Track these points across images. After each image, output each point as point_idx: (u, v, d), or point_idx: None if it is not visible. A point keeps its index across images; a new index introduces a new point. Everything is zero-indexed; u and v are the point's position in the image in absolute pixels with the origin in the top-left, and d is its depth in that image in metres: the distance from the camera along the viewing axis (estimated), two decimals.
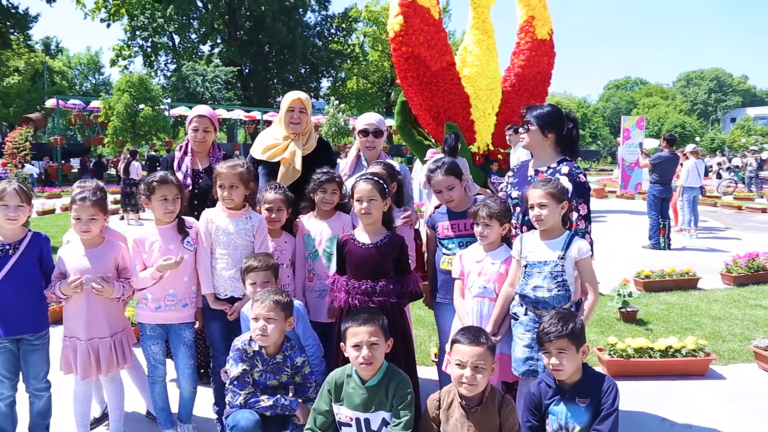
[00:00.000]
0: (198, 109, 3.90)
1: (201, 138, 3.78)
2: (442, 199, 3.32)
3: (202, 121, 3.77)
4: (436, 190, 3.32)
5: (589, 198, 3.11)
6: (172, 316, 3.24)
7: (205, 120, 3.78)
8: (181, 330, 3.27)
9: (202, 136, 3.78)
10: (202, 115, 3.79)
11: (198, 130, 3.77)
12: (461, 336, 2.64)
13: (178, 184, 3.23)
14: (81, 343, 3.10)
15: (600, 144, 58.20)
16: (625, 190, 19.27)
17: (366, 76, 50.44)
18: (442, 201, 3.34)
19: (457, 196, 3.31)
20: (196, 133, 3.77)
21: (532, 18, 13.03)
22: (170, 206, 3.17)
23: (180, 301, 3.23)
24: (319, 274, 3.43)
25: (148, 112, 25.25)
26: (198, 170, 3.80)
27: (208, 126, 3.80)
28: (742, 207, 16.49)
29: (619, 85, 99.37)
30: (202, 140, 3.80)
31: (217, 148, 3.95)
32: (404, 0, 10.89)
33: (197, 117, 3.78)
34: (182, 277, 3.23)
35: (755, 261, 7.38)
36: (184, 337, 3.28)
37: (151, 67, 42.47)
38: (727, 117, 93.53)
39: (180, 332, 3.27)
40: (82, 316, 3.09)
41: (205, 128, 3.78)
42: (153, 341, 3.26)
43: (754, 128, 66.39)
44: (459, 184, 3.31)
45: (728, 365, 4.64)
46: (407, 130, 12.29)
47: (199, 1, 42.54)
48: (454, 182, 3.28)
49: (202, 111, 3.84)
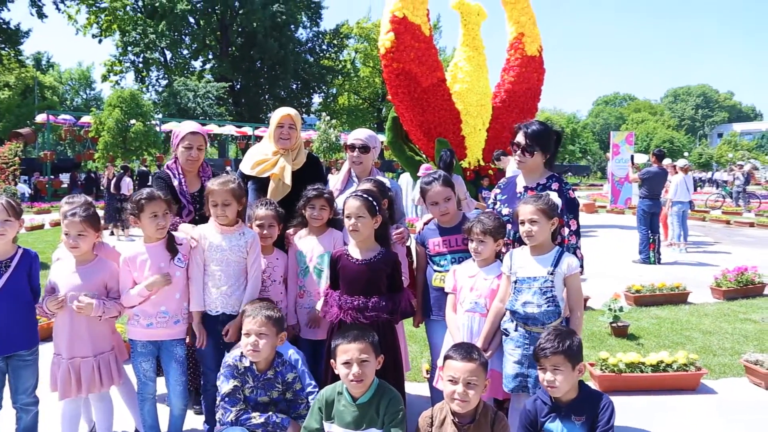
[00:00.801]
0: (188, 125, 3.78)
1: (195, 156, 3.67)
2: (438, 212, 3.32)
3: (196, 138, 3.67)
4: (433, 202, 3.31)
5: (578, 213, 3.14)
6: (164, 333, 3.20)
7: (199, 137, 3.69)
8: (172, 346, 3.24)
9: (197, 154, 3.68)
10: (195, 132, 3.69)
11: (192, 147, 3.66)
12: (454, 352, 2.63)
13: (166, 199, 3.19)
14: (63, 361, 3.07)
15: (590, 159, 58.62)
16: (615, 204, 19.37)
17: (357, 92, 50.76)
18: (437, 214, 3.34)
19: (452, 208, 3.32)
20: (190, 151, 3.65)
21: (522, 35, 13.19)
22: (161, 222, 3.15)
23: (172, 317, 3.20)
24: (309, 290, 3.42)
25: (139, 128, 25.24)
26: (194, 194, 3.72)
27: (201, 144, 3.71)
28: (731, 221, 16.64)
29: (608, 101, 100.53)
30: (196, 158, 3.70)
31: (205, 165, 3.86)
32: (395, 17, 11.00)
33: (190, 134, 3.66)
34: (174, 294, 3.21)
35: (744, 275, 7.43)
36: (175, 354, 3.24)
37: (143, 83, 42.59)
38: (714, 132, 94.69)
39: (171, 349, 3.23)
40: (65, 334, 3.06)
41: (199, 146, 3.69)
42: (144, 358, 3.22)
43: (740, 143, 67.23)
44: (454, 196, 3.32)
45: (719, 379, 4.65)
46: (398, 146, 12.36)
47: (192, 18, 42.81)
48: (450, 194, 3.30)
49: (194, 128, 3.73)
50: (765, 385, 4.42)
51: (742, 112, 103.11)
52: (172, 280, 3.13)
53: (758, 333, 5.84)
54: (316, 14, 46.57)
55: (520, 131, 3.17)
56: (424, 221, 3.57)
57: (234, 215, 3.23)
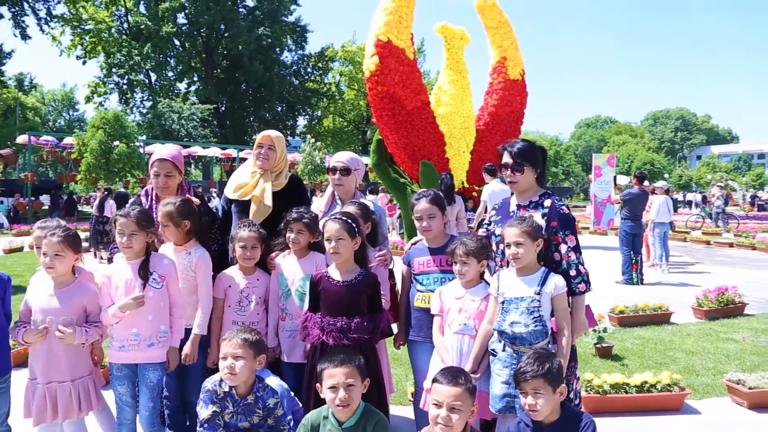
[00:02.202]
0: (159, 151, 3.66)
1: (162, 184, 3.56)
2: (421, 228, 3.34)
3: (162, 166, 3.54)
4: (417, 217, 3.34)
5: (575, 229, 3.11)
6: (137, 356, 3.11)
7: (166, 164, 3.55)
8: (145, 370, 3.13)
9: (164, 182, 3.56)
10: (163, 159, 3.56)
11: (159, 175, 3.54)
12: (441, 376, 2.62)
13: (135, 220, 3.10)
14: (39, 386, 2.99)
15: (573, 181, 59.37)
16: (598, 226, 19.58)
17: (342, 115, 51.06)
18: (420, 229, 3.36)
19: (435, 227, 3.32)
20: (158, 179, 3.55)
21: (505, 59, 13.41)
22: (125, 241, 3.08)
23: (144, 340, 3.10)
24: (291, 313, 3.38)
25: (123, 149, 25.07)
26: None
27: (170, 171, 3.56)
28: (711, 242, 16.88)
29: (590, 124, 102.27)
30: (164, 186, 3.58)
31: (186, 189, 3.72)
32: (380, 41, 11.13)
33: (158, 161, 3.55)
34: (146, 316, 3.11)
35: (725, 295, 7.52)
36: (146, 378, 3.13)
37: (127, 104, 42.44)
38: (693, 154, 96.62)
39: (144, 372, 3.13)
40: (42, 358, 2.98)
41: (167, 173, 3.56)
42: (119, 382, 3.14)
43: (718, 165, 68.61)
44: (440, 216, 3.33)
45: (702, 399, 4.66)
46: (383, 168, 12.41)
47: (177, 40, 42.96)
48: (435, 212, 3.31)
49: (163, 154, 3.60)
50: (747, 405, 4.44)
51: (719, 135, 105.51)
52: (144, 301, 3.07)
53: (739, 352, 5.89)
54: (301, 38, 46.97)
55: (505, 152, 3.16)
56: (412, 242, 3.58)
57: (172, 236, 3.29)
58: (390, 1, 11.38)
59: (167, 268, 3.21)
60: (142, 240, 3.14)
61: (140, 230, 3.11)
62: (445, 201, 3.45)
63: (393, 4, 11.34)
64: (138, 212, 3.15)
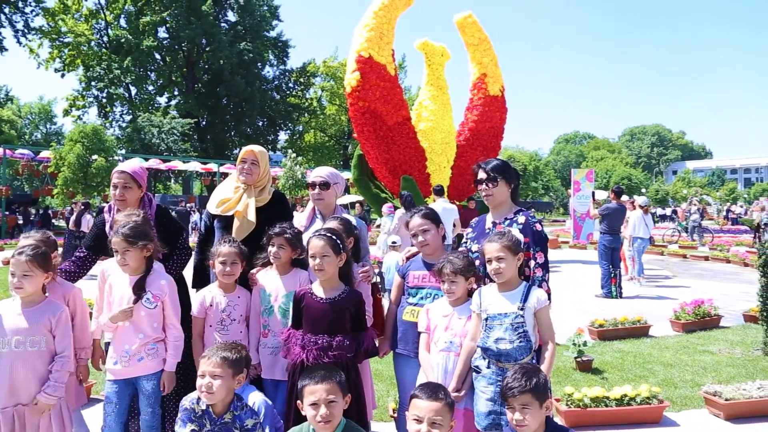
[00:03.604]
0: (122, 164, 3.72)
1: (120, 195, 3.57)
2: (418, 243, 3.36)
3: (120, 177, 3.58)
4: (413, 233, 3.36)
5: (547, 247, 3.17)
6: (130, 371, 3.14)
7: (124, 176, 3.58)
8: (139, 381, 3.17)
9: (121, 193, 3.57)
10: (122, 170, 3.61)
11: (117, 187, 3.57)
12: (420, 391, 2.61)
13: (122, 237, 3.09)
14: (8, 410, 2.87)
15: (552, 195, 60.01)
16: (577, 240, 19.78)
17: (323, 130, 51.14)
18: (417, 245, 3.38)
19: (432, 241, 3.33)
20: (115, 191, 3.58)
21: (485, 75, 13.57)
22: (120, 259, 3.12)
23: (134, 355, 3.12)
24: (273, 330, 3.36)
25: (102, 163, 24.76)
26: None
27: (128, 182, 3.58)
28: (687, 255, 17.16)
29: (569, 139, 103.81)
30: (121, 198, 3.58)
31: (147, 205, 3.69)
32: (361, 57, 11.21)
33: (117, 173, 3.60)
34: (136, 335, 3.13)
35: (701, 308, 7.64)
36: (142, 388, 3.16)
37: (106, 118, 42.04)
38: (669, 169, 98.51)
39: (139, 383, 3.17)
40: (5, 380, 2.87)
41: (125, 184, 3.57)
42: (109, 398, 3.15)
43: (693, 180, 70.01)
44: (435, 230, 3.35)
45: (681, 411, 4.72)
46: (364, 183, 12.44)
47: (158, 54, 42.79)
48: (428, 226, 3.32)
49: (123, 166, 3.67)
50: (724, 416, 4.50)
51: (693, 151, 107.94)
52: (132, 314, 3.08)
53: (716, 364, 5.98)
54: (282, 53, 47.14)
55: (479, 169, 3.27)
56: (407, 255, 3.58)
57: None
58: (371, 18, 11.49)
59: (163, 288, 3.19)
60: (137, 256, 3.14)
61: (131, 246, 3.10)
62: (439, 216, 3.46)
63: (374, 21, 11.45)
64: (128, 229, 3.13)
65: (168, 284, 3.24)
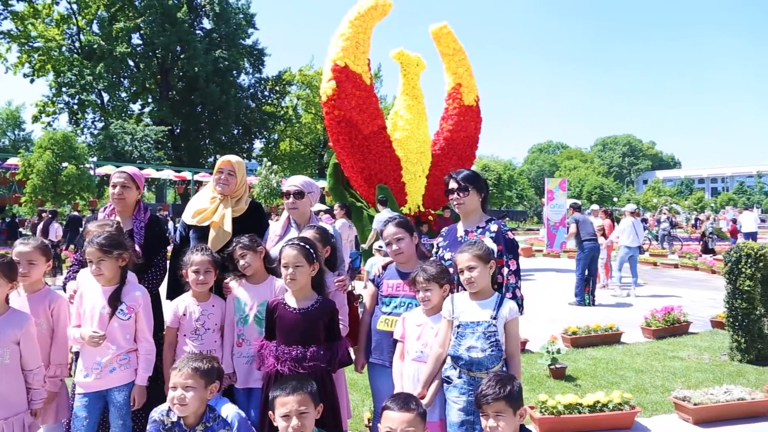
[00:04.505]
0: (123, 167, 3.86)
1: (119, 194, 3.67)
2: (392, 252, 3.37)
3: (121, 176, 3.70)
4: (387, 242, 3.37)
5: (518, 254, 3.23)
6: (101, 383, 3.09)
7: (125, 176, 3.70)
8: (110, 393, 3.12)
9: (120, 191, 3.67)
10: (123, 170, 3.75)
11: (116, 186, 3.68)
12: (391, 402, 2.61)
13: (98, 247, 3.07)
14: None
15: (526, 204, 60.66)
16: (551, 248, 20.01)
17: (299, 138, 50.97)
18: (392, 254, 3.39)
19: (406, 249, 3.34)
20: (114, 189, 3.68)
21: (460, 85, 13.70)
22: (94, 269, 3.09)
23: (105, 367, 3.08)
24: (249, 339, 3.32)
25: (72, 171, 24.27)
26: None
27: (127, 182, 3.69)
28: (657, 263, 17.50)
29: (542, 149, 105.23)
30: (120, 196, 3.68)
31: (142, 210, 3.81)
32: (337, 66, 11.23)
33: (118, 173, 3.74)
34: (109, 347, 3.09)
35: (671, 314, 7.80)
36: (113, 399, 3.12)
37: (77, 125, 41.23)
38: (640, 179, 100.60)
39: (110, 395, 3.12)
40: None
41: (124, 184, 3.68)
42: (79, 411, 3.09)
43: (663, 189, 71.58)
44: (409, 238, 3.35)
45: (652, 417, 4.80)
46: (339, 192, 12.44)
47: (131, 61, 42.21)
48: (402, 234, 3.33)
49: (124, 168, 3.83)
50: (693, 420, 4.59)
51: (663, 161, 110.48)
52: (100, 343, 3.02)
53: (685, 370, 6.10)
54: (258, 61, 46.94)
55: (450, 179, 3.33)
56: (382, 264, 3.58)
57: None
58: (347, 27, 11.54)
59: (137, 300, 3.16)
60: (112, 266, 3.11)
61: (106, 255, 3.08)
62: (412, 225, 3.48)
63: (350, 30, 11.50)
64: (103, 239, 3.10)
65: (143, 295, 3.22)
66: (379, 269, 3.54)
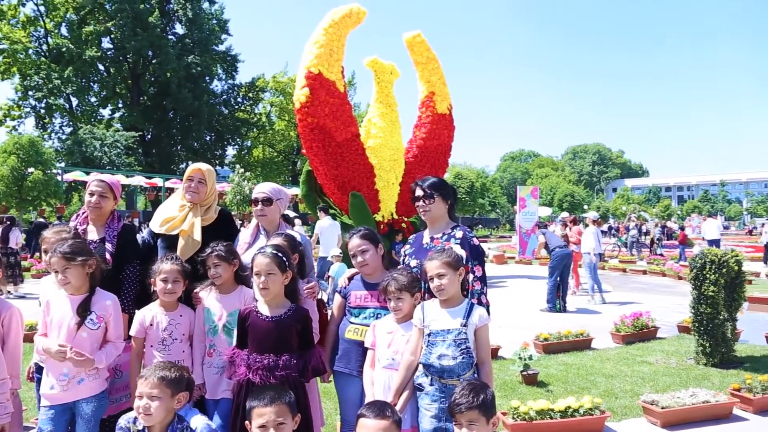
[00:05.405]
0: (99, 174, 3.81)
1: (96, 203, 3.59)
2: (357, 264, 3.36)
3: (99, 185, 3.62)
4: (352, 254, 3.36)
5: (484, 260, 3.25)
6: (68, 395, 3.02)
7: (103, 185, 3.62)
8: (78, 405, 3.04)
9: (97, 200, 3.60)
10: (102, 179, 3.67)
11: (94, 194, 3.60)
12: (366, 410, 2.60)
13: (61, 256, 3.01)
14: None
15: (499, 212, 61.27)
16: (523, 255, 20.24)
17: (272, 145, 50.64)
18: (357, 265, 3.37)
19: (371, 261, 3.33)
20: (92, 198, 3.60)
21: (433, 94, 13.78)
22: (60, 278, 3.01)
23: (73, 378, 3.01)
24: (219, 349, 3.27)
25: (39, 176, 23.68)
26: (92, 241, 3.57)
27: (105, 192, 3.62)
28: (626, 269, 17.83)
29: (515, 157, 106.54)
30: (97, 205, 3.60)
31: (116, 219, 3.74)
32: (311, 73, 11.20)
33: (96, 181, 3.65)
34: None
35: (639, 320, 7.95)
36: (81, 411, 3.04)
37: (44, 129, 40.24)
38: (609, 187, 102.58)
39: (78, 406, 3.04)
40: None
41: (102, 193, 3.60)
42: (42, 426, 2.99)
43: (632, 197, 73.10)
44: (374, 250, 3.34)
45: (621, 421, 4.87)
46: (312, 199, 12.38)
47: (101, 65, 41.48)
48: (366, 246, 3.32)
49: (102, 176, 3.75)
50: (660, 423, 4.68)
51: (631, 169, 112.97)
52: (64, 359, 2.94)
53: (653, 374, 6.21)
54: (231, 67, 46.57)
55: (417, 187, 3.34)
56: (348, 275, 3.56)
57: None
58: (321, 35, 11.52)
59: (107, 309, 3.10)
60: (78, 273, 3.04)
61: (70, 263, 3.01)
62: (378, 236, 3.47)
63: (324, 38, 11.48)
64: (66, 246, 3.04)
65: (113, 304, 3.15)
66: (345, 280, 3.53)
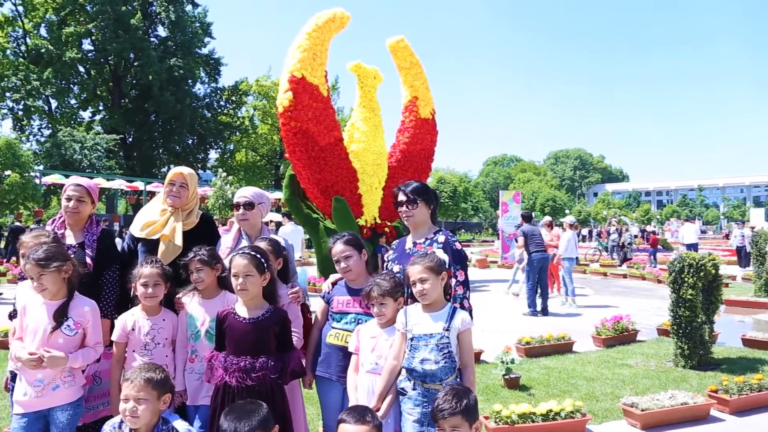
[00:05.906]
0: (76, 178, 3.73)
1: (73, 207, 3.54)
2: (340, 270, 3.35)
3: (77, 189, 3.56)
4: (335, 260, 3.35)
5: (467, 265, 3.26)
6: (42, 402, 2.95)
7: (80, 189, 3.57)
8: (53, 413, 2.98)
9: (75, 205, 3.54)
10: (79, 183, 3.60)
11: (71, 199, 3.54)
12: (347, 415, 2.59)
13: (35, 263, 2.94)
14: None
15: (481, 216, 61.62)
16: (505, 260, 20.36)
17: (255, 149, 50.41)
18: (340, 271, 3.37)
19: (354, 267, 3.33)
20: (69, 203, 3.54)
21: (416, 98, 13.85)
22: (36, 285, 2.96)
23: (48, 384, 2.95)
24: (201, 355, 3.24)
25: (16, 179, 23.30)
26: (70, 245, 3.52)
27: (83, 196, 3.56)
28: (607, 273, 18.04)
29: (497, 162, 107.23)
30: (75, 210, 3.55)
31: (95, 223, 3.68)
32: (294, 77, 11.20)
33: (73, 185, 3.58)
34: None
35: (620, 323, 8.04)
36: (56, 419, 2.97)
37: (22, 131, 39.51)
38: (591, 192, 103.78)
39: (52, 414, 2.98)
40: None
41: (80, 198, 3.55)
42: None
43: (612, 202, 74.01)
44: (357, 255, 3.34)
45: (602, 424, 4.92)
46: (295, 203, 12.35)
47: (81, 67, 40.98)
48: (350, 252, 3.32)
49: (79, 180, 3.68)
50: (640, 426, 4.73)
51: (612, 174, 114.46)
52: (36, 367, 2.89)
53: (633, 377, 6.29)
54: (214, 70, 46.29)
55: (399, 191, 3.33)
56: (331, 281, 3.56)
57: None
58: (305, 39, 11.53)
59: (85, 316, 3.05)
60: (54, 278, 2.98)
61: (45, 270, 2.95)
62: (362, 241, 3.47)
63: (308, 42, 11.49)
64: (41, 252, 2.98)
65: (91, 311, 3.10)
66: (329, 286, 3.53)
